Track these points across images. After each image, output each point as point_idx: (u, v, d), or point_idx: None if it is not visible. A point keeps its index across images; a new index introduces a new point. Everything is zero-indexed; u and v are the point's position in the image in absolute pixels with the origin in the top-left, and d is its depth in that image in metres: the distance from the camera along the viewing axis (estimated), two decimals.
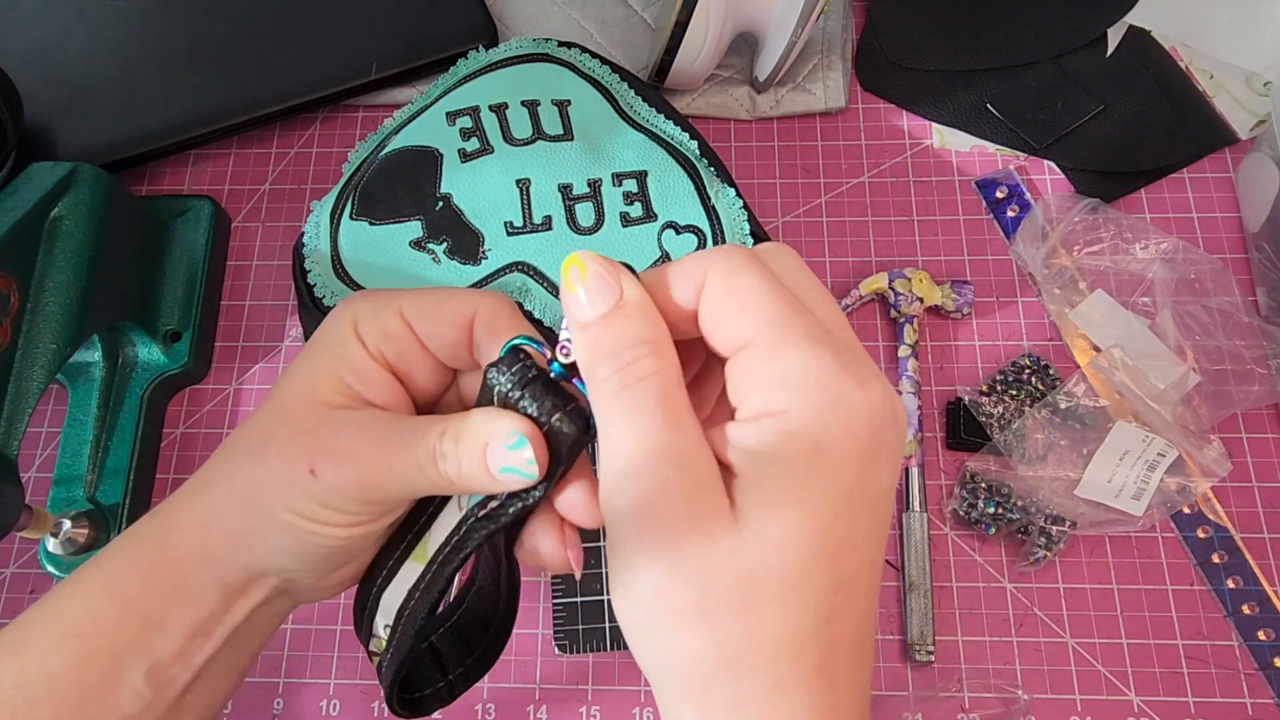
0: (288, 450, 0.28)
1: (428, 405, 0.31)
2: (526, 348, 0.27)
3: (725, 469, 0.24)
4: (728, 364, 0.24)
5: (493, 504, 0.28)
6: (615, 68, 0.57)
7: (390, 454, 0.27)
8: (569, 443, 0.26)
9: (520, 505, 0.27)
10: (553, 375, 0.27)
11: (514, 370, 0.26)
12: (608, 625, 0.52)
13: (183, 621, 0.29)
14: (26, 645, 0.28)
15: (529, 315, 0.49)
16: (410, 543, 0.30)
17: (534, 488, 0.27)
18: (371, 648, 0.31)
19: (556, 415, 0.26)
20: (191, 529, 0.29)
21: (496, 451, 0.26)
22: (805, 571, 0.22)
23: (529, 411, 0.26)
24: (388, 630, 0.30)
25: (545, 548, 0.29)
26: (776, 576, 0.22)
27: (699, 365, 0.28)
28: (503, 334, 0.28)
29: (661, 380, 0.24)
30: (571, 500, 0.28)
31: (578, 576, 0.32)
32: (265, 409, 0.29)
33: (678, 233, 0.50)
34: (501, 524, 0.28)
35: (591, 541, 0.52)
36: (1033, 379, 0.56)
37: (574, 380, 0.26)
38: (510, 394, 0.26)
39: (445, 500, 0.30)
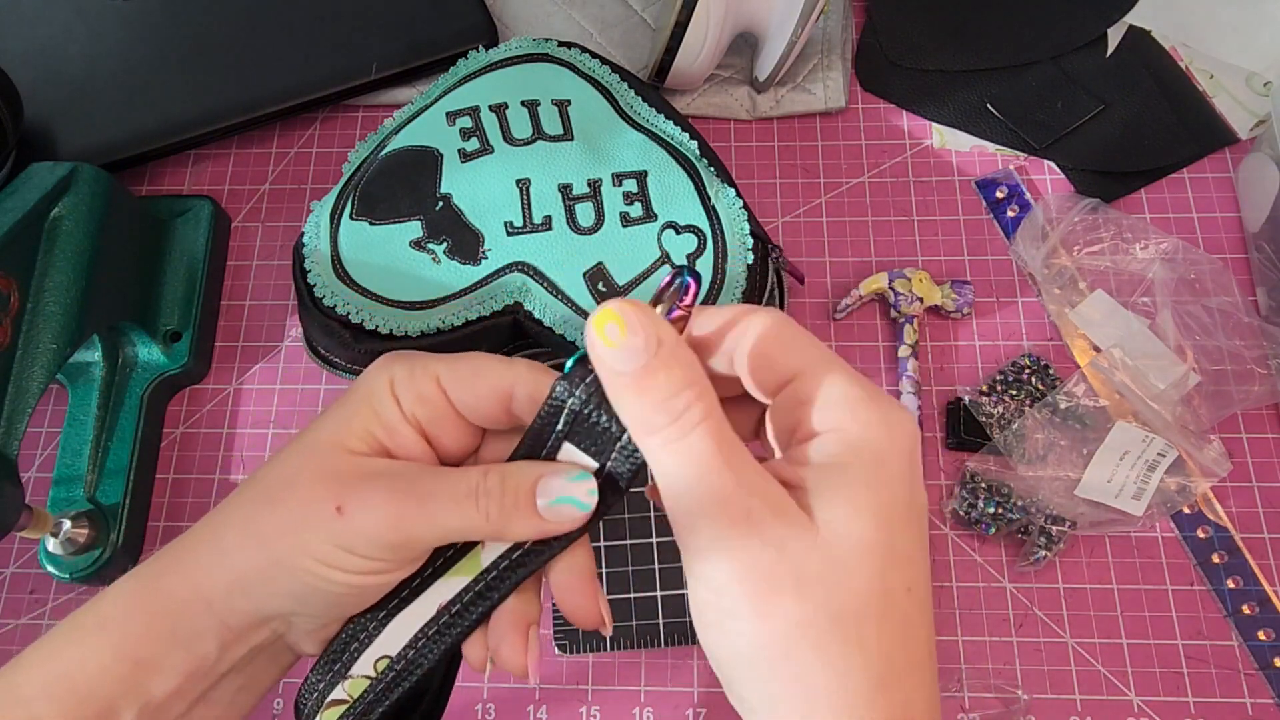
0: (314, 489, 0.27)
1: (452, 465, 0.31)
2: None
3: (795, 488, 0.25)
4: (778, 397, 0.26)
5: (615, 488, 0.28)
6: (615, 68, 0.57)
7: (425, 493, 0.27)
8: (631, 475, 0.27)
9: (566, 540, 0.28)
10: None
11: (589, 381, 0.26)
12: None
13: (178, 664, 0.28)
14: (17, 692, 0.28)
15: (529, 315, 0.49)
16: (406, 597, 0.30)
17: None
18: (337, 694, 0.30)
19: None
20: (195, 571, 0.29)
21: (553, 486, 0.27)
22: (882, 574, 0.24)
23: (603, 424, 0.26)
24: (375, 670, 0.30)
25: (506, 651, 0.29)
26: (863, 578, 0.24)
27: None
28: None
29: (715, 423, 0.24)
30: (566, 583, 0.29)
31: (533, 684, 0.32)
32: (288, 454, 0.29)
33: (678, 233, 0.50)
34: (544, 559, 0.28)
35: (597, 542, 0.52)
36: (1033, 379, 0.56)
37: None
38: (585, 409, 0.27)
39: (456, 557, 0.30)
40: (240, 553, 0.28)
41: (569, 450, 0.28)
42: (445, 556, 0.30)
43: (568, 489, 0.27)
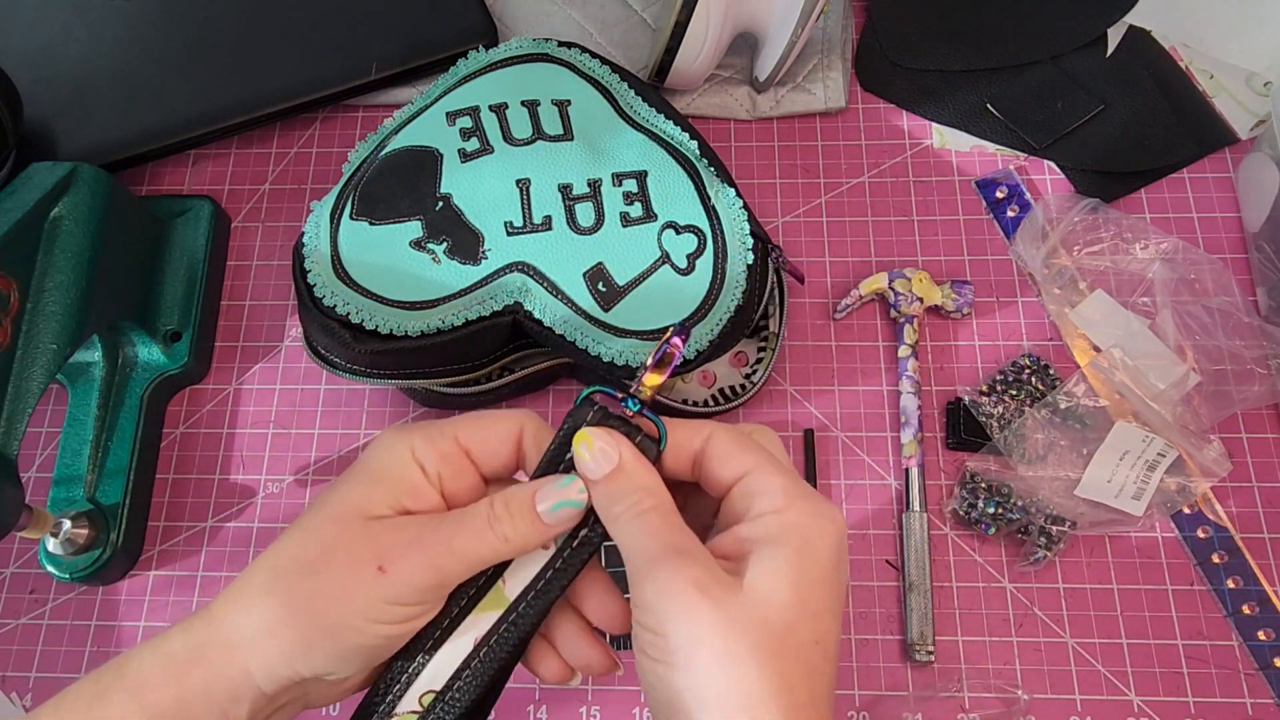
0: (354, 556, 0.30)
1: None
2: (597, 395, 0.34)
3: (739, 559, 0.31)
4: (733, 489, 0.32)
5: (583, 531, 0.33)
6: (615, 68, 0.57)
7: (447, 534, 0.31)
8: (655, 448, 0.33)
9: (579, 562, 0.33)
10: (630, 411, 0.33)
11: (596, 410, 0.33)
12: None
13: None
14: None
15: (529, 315, 0.49)
16: (439, 637, 0.33)
17: (595, 525, 0.33)
18: None
19: (636, 423, 0.33)
20: (237, 642, 0.30)
21: (547, 493, 0.32)
22: (793, 626, 0.29)
23: (596, 418, 0.33)
24: (421, 704, 0.32)
25: (584, 655, 0.35)
26: (776, 627, 0.29)
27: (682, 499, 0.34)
28: (546, 443, 0.34)
29: (661, 509, 0.31)
30: (599, 602, 0.35)
31: (619, 672, 0.36)
32: (313, 529, 0.31)
33: (678, 232, 0.50)
34: (564, 584, 0.33)
35: None
36: (1033, 379, 0.56)
37: (645, 412, 0.33)
38: (595, 420, 0.33)
39: (479, 595, 0.33)
40: (285, 625, 0.30)
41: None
42: (468, 595, 0.33)
43: (560, 494, 0.32)
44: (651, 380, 0.33)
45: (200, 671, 0.30)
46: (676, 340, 0.33)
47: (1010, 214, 0.60)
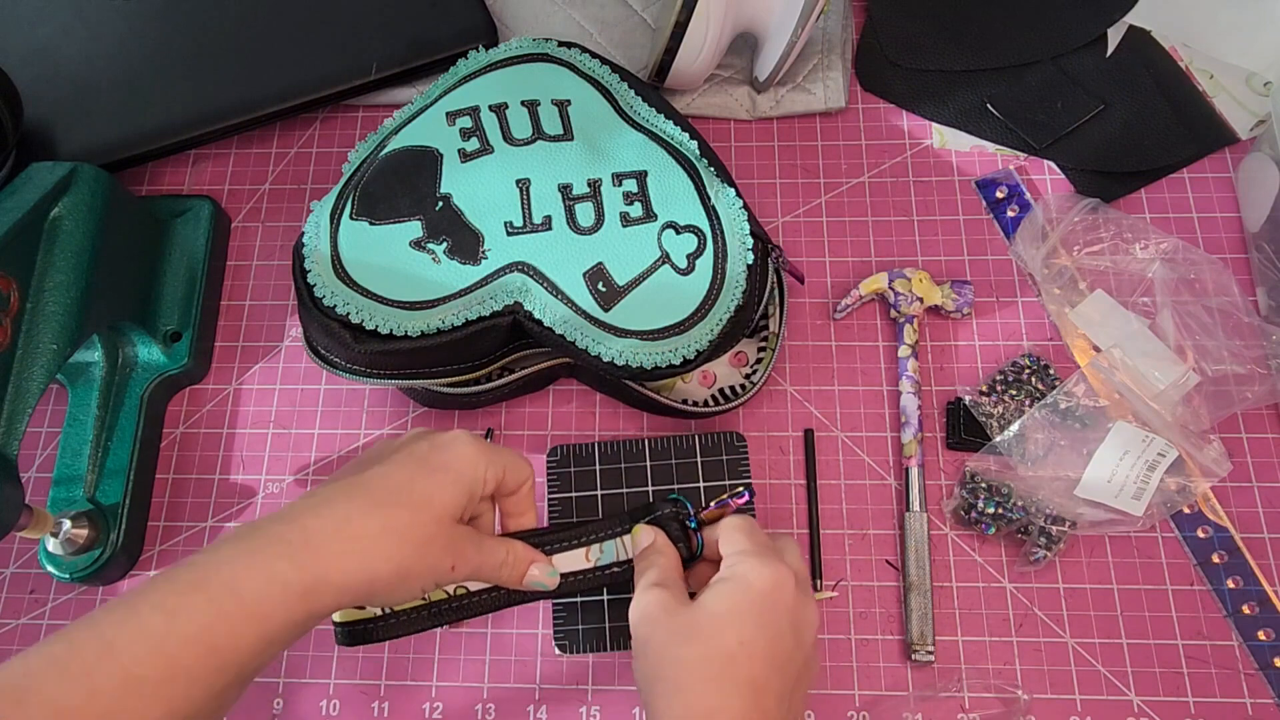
0: (444, 554, 0.40)
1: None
2: (680, 503, 0.47)
3: (704, 588, 0.43)
4: (726, 557, 0.43)
5: (615, 569, 0.47)
6: (615, 68, 0.57)
7: (481, 556, 0.42)
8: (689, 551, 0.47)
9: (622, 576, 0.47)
10: (690, 526, 0.47)
11: (676, 508, 0.47)
12: (608, 625, 0.52)
13: (288, 635, 0.37)
14: (114, 645, 0.34)
15: (529, 315, 0.49)
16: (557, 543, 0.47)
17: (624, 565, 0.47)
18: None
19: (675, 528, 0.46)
20: (335, 564, 0.38)
21: (535, 574, 0.44)
22: (722, 630, 0.40)
23: (667, 515, 0.47)
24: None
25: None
26: (706, 630, 0.40)
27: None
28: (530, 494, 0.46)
29: (666, 564, 0.44)
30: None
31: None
32: (415, 519, 0.40)
33: (678, 232, 0.50)
34: (608, 581, 0.47)
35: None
36: (1033, 379, 0.56)
37: (696, 533, 0.46)
38: (664, 516, 0.47)
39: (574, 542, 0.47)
40: (383, 576, 0.39)
41: (588, 550, 0.47)
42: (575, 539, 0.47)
43: (538, 578, 0.44)
44: (710, 515, 0.46)
45: (309, 605, 0.37)
46: (737, 503, 0.46)
47: (1010, 214, 0.60)
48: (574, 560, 0.46)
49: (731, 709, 0.39)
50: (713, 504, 0.46)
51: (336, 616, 0.44)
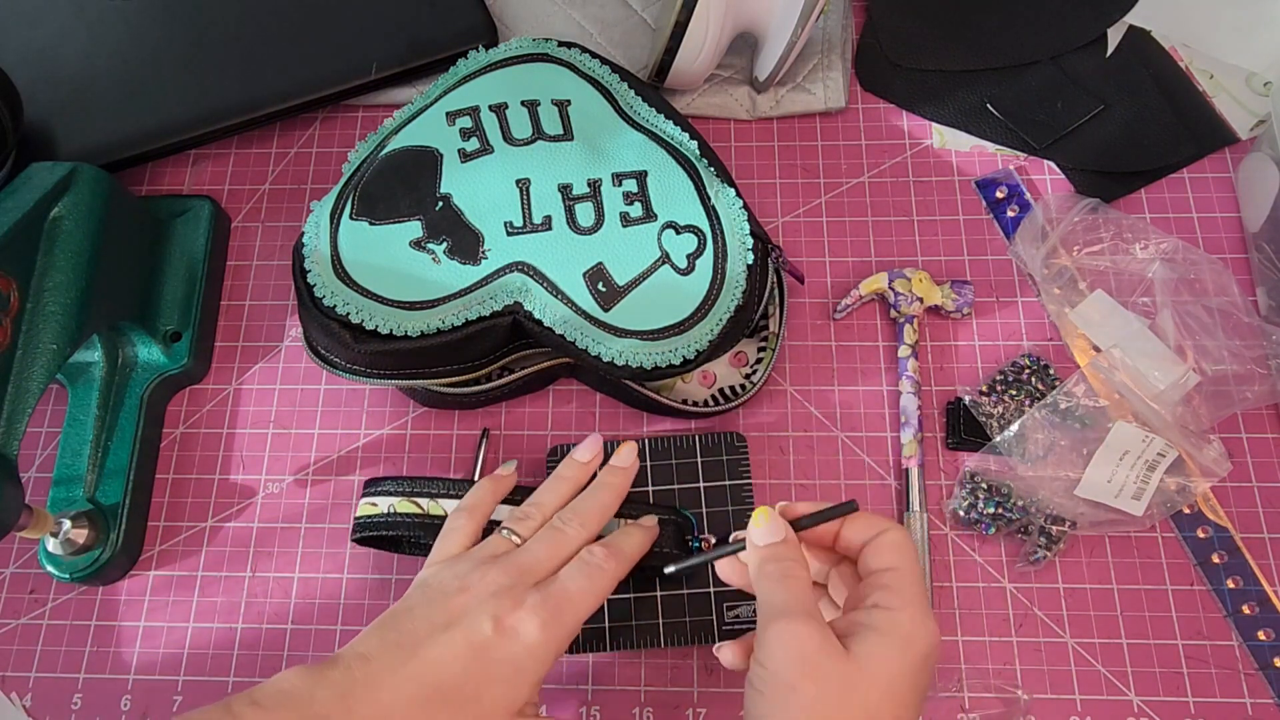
0: None
1: None
2: (686, 518, 0.51)
3: (847, 636, 0.37)
4: (874, 571, 0.39)
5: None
6: (615, 68, 0.57)
7: None
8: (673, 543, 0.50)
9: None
10: (692, 544, 0.50)
11: (679, 520, 0.50)
12: (608, 625, 0.52)
13: None
14: None
15: (529, 315, 0.49)
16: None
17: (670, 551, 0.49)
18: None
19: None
20: None
21: None
22: (881, 705, 0.35)
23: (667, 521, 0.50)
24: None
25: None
26: (868, 698, 0.35)
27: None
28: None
29: (804, 579, 0.39)
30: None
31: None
32: (465, 709, 0.39)
33: (678, 232, 0.50)
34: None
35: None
36: (1033, 379, 0.56)
37: (694, 551, 0.50)
38: (665, 521, 0.50)
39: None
40: None
41: None
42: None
43: None
44: (808, 519, 0.42)
45: None
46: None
47: (1010, 214, 0.60)
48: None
49: None
50: (813, 513, 0.42)
51: None
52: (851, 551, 0.41)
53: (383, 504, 0.51)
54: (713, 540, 0.51)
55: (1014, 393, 0.55)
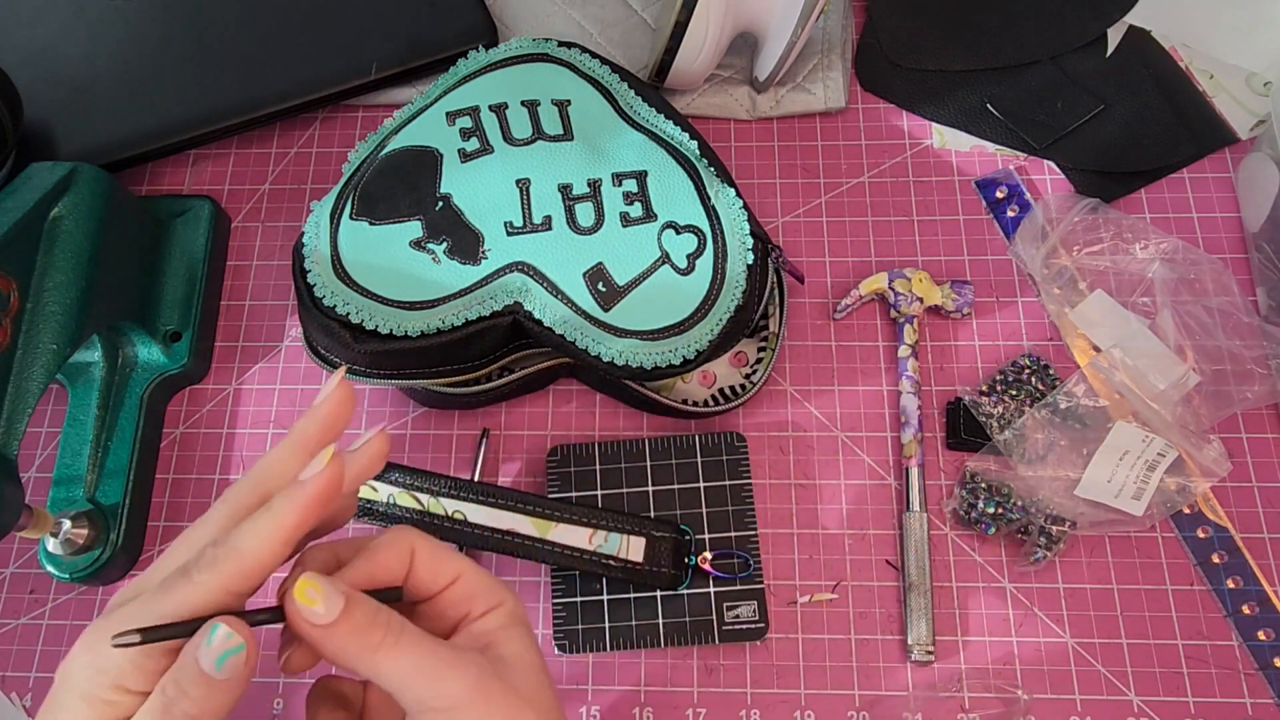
0: None
1: None
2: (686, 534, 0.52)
3: (486, 649, 0.35)
4: (445, 593, 0.36)
5: (610, 562, 0.50)
6: (615, 68, 0.57)
7: None
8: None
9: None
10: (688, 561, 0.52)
11: (678, 537, 0.52)
12: (607, 625, 0.52)
13: None
14: None
15: (528, 315, 0.49)
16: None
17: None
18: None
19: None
20: None
21: (207, 653, 0.31)
22: (544, 684, 0.35)
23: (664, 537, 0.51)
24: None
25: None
26: (534, 686, 0.35)
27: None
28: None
29: (412, 628, 0.33)
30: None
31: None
32: None
33: (678, 232, 0.50)
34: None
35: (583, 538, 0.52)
36: (1033, 379, 0.56)
37: (690, 568, 0.52)
38: (662, 537, 0.51)
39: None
40: None
41: (593, 533, 0.50)
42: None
43: (220, 647, 0.31)
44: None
45: None
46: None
47: (1010, 214, 0.60)
48: (576, 537, 0.49)
49: None
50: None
51: None
52: (423, 595, 0.37)
53: (384, 491, 0.51)
54: (709, 557, 0.52)
55: (1014, 393, 0.55)
